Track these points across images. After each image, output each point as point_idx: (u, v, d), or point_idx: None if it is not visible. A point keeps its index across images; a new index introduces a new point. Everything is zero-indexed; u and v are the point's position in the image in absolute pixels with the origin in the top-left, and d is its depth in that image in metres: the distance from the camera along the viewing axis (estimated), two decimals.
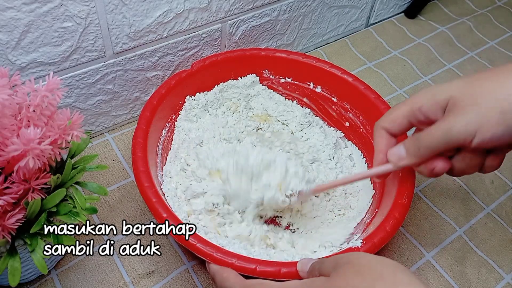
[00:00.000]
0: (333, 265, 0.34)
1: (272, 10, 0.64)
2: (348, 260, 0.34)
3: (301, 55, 0.59)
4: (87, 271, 0.48)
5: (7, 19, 0.43)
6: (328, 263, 0.35)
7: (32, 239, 0.38)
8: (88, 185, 0.42)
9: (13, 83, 0.36)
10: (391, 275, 0.31)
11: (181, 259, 0.50)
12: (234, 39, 0.63)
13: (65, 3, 0.45)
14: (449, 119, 0.38)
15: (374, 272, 0.32)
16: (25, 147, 0.33)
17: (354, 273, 0.32)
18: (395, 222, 0.44)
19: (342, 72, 0.57)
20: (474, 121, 0.36)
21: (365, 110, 0.56)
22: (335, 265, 0.34)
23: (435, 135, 0.38)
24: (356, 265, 0.33)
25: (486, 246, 0.54)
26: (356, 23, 0.78)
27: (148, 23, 0.53)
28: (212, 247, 0.41)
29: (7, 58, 0.45)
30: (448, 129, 0.37)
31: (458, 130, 0.37)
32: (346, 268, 0.33)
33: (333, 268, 0.34)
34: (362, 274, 0.32)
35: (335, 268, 0.34)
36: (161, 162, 0.52)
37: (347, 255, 0.35)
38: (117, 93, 0.57)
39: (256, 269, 0.40)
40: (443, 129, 0.38)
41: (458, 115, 0.37)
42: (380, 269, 0.32)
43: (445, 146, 0.38)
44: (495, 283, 0.51)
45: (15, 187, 0.35)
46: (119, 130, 0.61)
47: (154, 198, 0.43)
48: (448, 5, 0.88)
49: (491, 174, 0.61)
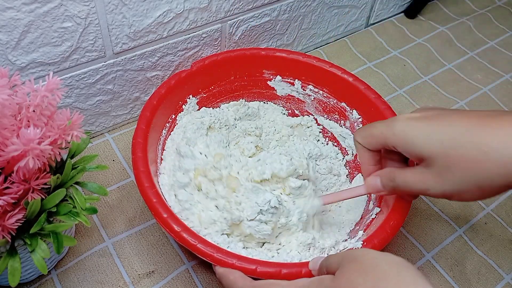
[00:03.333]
0: (338, 262, 0.34)
1: (272, 10, 0.64)
2: (353, 257, 0.33)
3: (301, 54, 0.59)
4: (87, 271, 0.48)
5: (7, 19, 0.43)
6: (334, 260, 0.35)
7: (32, 239, 0.38)
8: (88, 185, 0.42)
9: (13, 83, 0.36)
10: (395, 275, 0.31)
11: (181, 259, 0.50)
12: (234, 39, 0.63)
13: (65, 3, 0.45)
14: (427, 179, 0.38)
15: (378, 271, 0.31)
16: (25, 147, 0.33)
17: (358, 272, 0.32)
18: (396, 223, 0.44)
19: (342, 72, 0.57)
20: (450, 189, 0.37)
21: (365, 110, 0.56)
22: (340, 262, 0.34)
23: (412, 185, 0.40)
24: (361, 264, 0.33)
25: (486, 246, 0.54)
26: (356, 23, 0.78)
27: (148, 23, 0.53)
28: (213, 248, 0.41)
29: (7, 58, 0.45)
30: (425, 189, 0.38)
31: (435, 193, 0.38)
32: (351, 266, 0.33)
33: (338, 265, 0.34)
34: (366, 273, 0.31)
35: (341, 266, 0.33)
36: (160, 162, 0.52)
37: (353, 252, 0.35)
38: (117, 93, 0.57)
39: (256, 270, 0.39)
40: (421, 186, 0.39)
41: (436, 179, 0.37)
42: (385, 268, 0.31)
43: (419, 193, 0.43)
44: (495, 283, 0.51)
45: (15, 187, 0.35)
46: (119, 130, 0.61)
47: (154, 198, 0.43)
48: (448, 5, 0.88)
49: None
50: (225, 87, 0.60)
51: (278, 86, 0.61)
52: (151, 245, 0.50)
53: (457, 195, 0.37)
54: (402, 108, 0.68)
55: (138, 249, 0.50)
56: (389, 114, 0.53)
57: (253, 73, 0.60)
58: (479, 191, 0.36)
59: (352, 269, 0.32)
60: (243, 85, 0.61)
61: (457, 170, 0.36)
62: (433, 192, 0.38)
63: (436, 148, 0.37)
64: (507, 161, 0.33)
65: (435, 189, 0.38)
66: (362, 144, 0.43)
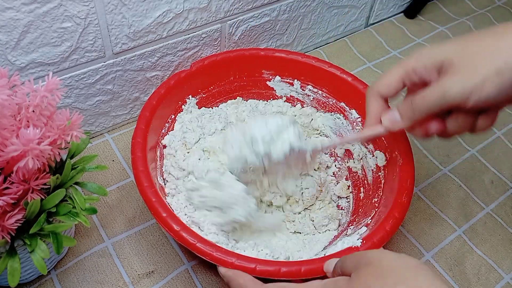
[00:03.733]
0: (354, 264, 0.33)
1: (271, 10, 0.64)
2: (369, 260, 0.33)
3: (300, 55, 0.59)
4: (87, 271, 0.48)
5: (6, 20, 0.43)
6: (349, 262, 0.34)
7: (32, 240, 0.38)
8: (87, 185, 0.42)
9: (13, 83, 0.36)
10: (413, 278, 0.30)
11: (181, 259, 0.50)
12: (233, 39, 0.63)
13: (65, 4, 0.45)
14: (445, 81, 0.37)
15: (395, 275, 0.31)
16: (24, 147, 0.33)
17: (375, 276, 0.31)
18: (395, 222, 0.44)
19: (341, 72, 0.57)
20: (470, 82, 0.36)
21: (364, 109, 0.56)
22: (356, 264, 0.33)
23: (431, 98, 0.38)
24: (378, 267, 0.32)
25: (485, 246, 0.54)
26: (355, 23, 0.78)
27: (147, 23, 0.53)
28: (212, 247, 0.41)
29: (6, 58, 0.45)
30: (444, 92, 0.37)
31: (454, 92, 0.37)
32: (367, 270, 0.32)
33: (354, 268, 0.33)
34: (383, 277, 0.31)
35: (356, 269, 0.33)
36: (160, 162, 0.52)
37: (369, 254, 0.34)
38: (117, 93, 0.57)
39: (256, 268, 0.39)
40: (439, 91, 0.38)
41: (454, 76, 0.37)
42: (402, 272, 0.31)
43: (440, 108, 0.38)
44: (495, 282, 0.51)
45: (14, 188, 0.35)
46: (119, 130, 0.61)
47: (153, 198, 0.43)
48: (448, 5, 0.88)
49: (491, 174, 0.61)
50: (225, 87, 0.60)
51: (277, 86, 0.61)
52: (151, 245, 0.50)
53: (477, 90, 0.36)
54: None
55: (137, 249, 0.50)
56: None
57: (253, 74, 0.60)
58: (499, 78, 0.35)
59: (369, 272, 0.31)
60: (242, 85, 0.61)
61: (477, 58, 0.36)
62: (452, 94, 0.37)
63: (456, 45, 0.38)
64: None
65: (454, 88, 0.37)
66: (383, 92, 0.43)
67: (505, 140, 0.66)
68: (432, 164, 0.62)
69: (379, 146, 0.54)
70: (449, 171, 0.61)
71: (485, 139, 0.66)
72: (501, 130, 0.67)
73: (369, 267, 0.32)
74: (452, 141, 0.65)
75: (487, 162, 0.63)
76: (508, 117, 0.69)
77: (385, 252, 0.34)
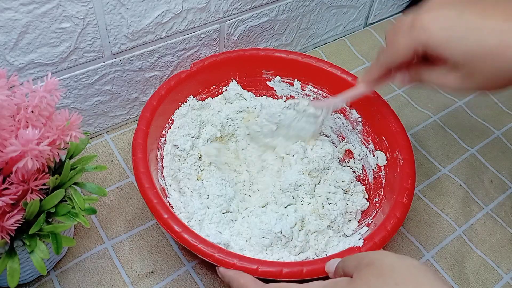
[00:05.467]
0: (355, 264, 0.34)
1: (270, 10, 0.64)
2: (371, 261, 0.33)
3: (300, 55, 0.59)
4: (87, 272, 0.47)
5: (5, 20, 0.43)
6: (350, 263, 0.35)
7: (31, 240, 0.38)
8: (87, 185, 0.42)
9: (11, 84, 0.36)
10: (414, 279, 0.31)
11: (181, 260, 0.49)
12: (232, 39, 0.63)
13: (63, 4, 0.45)
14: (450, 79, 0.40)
15: (397, 276, 0.31)
16: (23, 148, 0.33)
17: (376, 277, 0.31)
18: (396, 222, 0.44)
19: (341, 71, 0.57)
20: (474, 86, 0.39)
21: (364, 109, 0.56)
22: (357, 265, 0.33)
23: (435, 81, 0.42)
24: (379, 267, 0.32)
25: (485, 246, 0.54)
26: (354, 22, 0.78)
27: (146, 24, 0.52)
28: (214, 248, 0.41)
29: (5, 59, 0.45)
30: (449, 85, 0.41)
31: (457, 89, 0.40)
32: (368, 270, 0.32)
33: (355, 268, 0.33)
34: (384, 278, 0.31)
35: (357, 269, 0.33)
36: (161, 163, 0.52)
37: (370, 255, 0.34)
38: (116, 93, 0.57)
39: (257, 270, 0.39)
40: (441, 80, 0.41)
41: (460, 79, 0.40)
42: (403, 273, 0.31)
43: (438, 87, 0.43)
44: (494, 282, 0.51)
45: (13, 188, 0.35)
46: (118, 131, 0.60)
47: (155, 199, 0.43)
48: None
49: (490, 173, 0.62)
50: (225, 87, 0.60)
51: (277, 87, 0.61)
52: (151, 246, 0.50)
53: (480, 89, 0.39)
54: (401, 108, 0.68)
55: (137, 250, 0.50)
56: (388, 114, 0.53)
57: (253, 74, 0.60)
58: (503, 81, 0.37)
59: (370, 273, 0.32)
60: (242, 86, 0.60)
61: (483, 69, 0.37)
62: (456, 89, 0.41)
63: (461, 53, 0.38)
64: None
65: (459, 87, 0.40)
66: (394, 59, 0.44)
67: (504, 140, 0.66)
68: (431, 164, 0.62)
69: (379, 146, 0.54)
70: (448, 171, 0.61)
71: (485, 139, 0.66)
72: (500, 130, 0.67)
73: (370, 267, 0.32)
74: (452, 141, 0.65)
75: (487, 161, 0.63)
76: (508, 117, 0.69)
77: (386, 253, 0.34)
